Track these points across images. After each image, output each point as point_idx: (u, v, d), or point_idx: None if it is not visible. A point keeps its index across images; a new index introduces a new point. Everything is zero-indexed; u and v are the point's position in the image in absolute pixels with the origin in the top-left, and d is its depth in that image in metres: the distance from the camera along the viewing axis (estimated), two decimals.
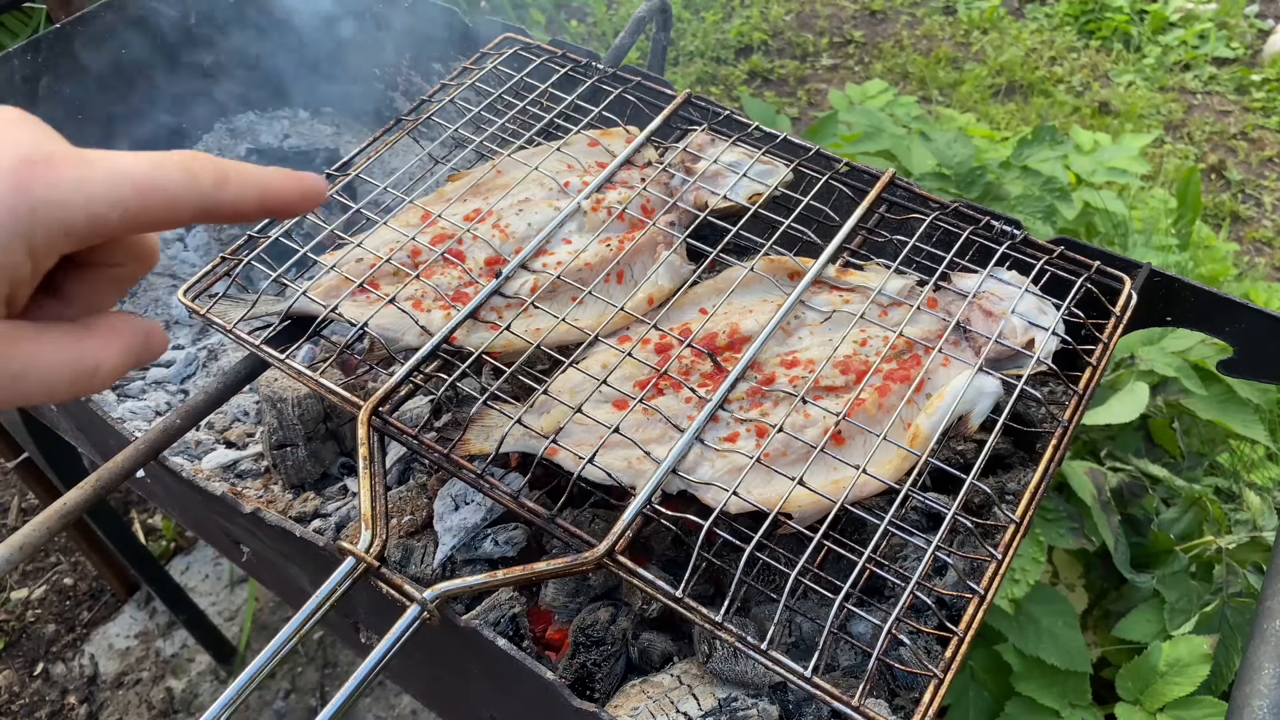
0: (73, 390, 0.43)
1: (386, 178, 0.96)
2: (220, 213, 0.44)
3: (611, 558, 0.67)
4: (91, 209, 0.40)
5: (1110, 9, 4.10)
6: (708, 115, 0.98)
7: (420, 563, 0.88)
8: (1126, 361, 1.47)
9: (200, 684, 2.00)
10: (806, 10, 4.27)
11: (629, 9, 4.06)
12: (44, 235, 0.39)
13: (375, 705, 1.94)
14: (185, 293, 0.84)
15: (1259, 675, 0.63)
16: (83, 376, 0.43)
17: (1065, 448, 0.74)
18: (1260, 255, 3.07)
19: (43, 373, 0.42)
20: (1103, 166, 1.95)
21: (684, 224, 0.89)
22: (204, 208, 0.43)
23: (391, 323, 0.81)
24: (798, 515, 0.68)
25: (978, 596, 0.65)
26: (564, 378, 0.78)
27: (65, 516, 0.72)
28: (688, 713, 0.75)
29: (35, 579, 2.19)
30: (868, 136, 1.92)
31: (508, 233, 0.87)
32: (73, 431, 1.23)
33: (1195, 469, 1.51)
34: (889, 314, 0.81)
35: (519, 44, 1.06)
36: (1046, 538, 1.26)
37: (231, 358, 1.25)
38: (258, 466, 1.06)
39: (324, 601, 0.64)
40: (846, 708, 0.60)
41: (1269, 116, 3.63)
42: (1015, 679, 1.25)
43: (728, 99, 3.62)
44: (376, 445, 0.74)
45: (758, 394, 0.76)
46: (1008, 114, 3.54)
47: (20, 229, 0.38)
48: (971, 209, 0.89)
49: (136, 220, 0.41)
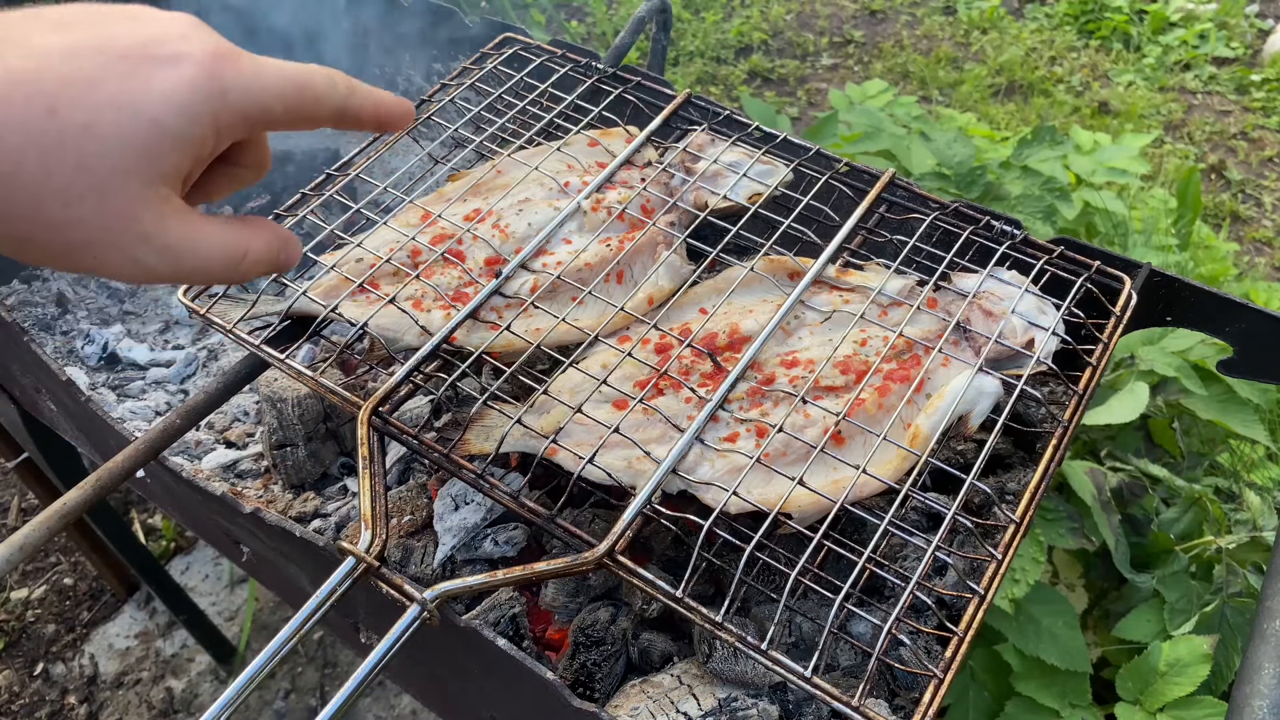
0: (224, 272, 0.49)
1: (386, 178, 0.96)
2: (346, 117, 0.52)
3: (611, 558, 0.67)
4: (264, 99, 0.47)
5: (1110, 9, 4.10)
6: (708, 115, 0.98)
7: (420, 563, 0.88)
8: (1126, 361, 1.47)
9: (200, 684, 2.00)
10: (806, 10, 4.27)
11: (629, 9, 4.06)
12: (228, 118, 0.45)
13: (375, 705, 1.94)
14: (185, 292, 0.84)
15: (1259, 675, 0.63)
16: (233, 260, 0.49)
17: (1065, 448, 0.74)
18: (1260, 255, 3.07)
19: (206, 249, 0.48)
20: (1103, 166, 1.95)
21: (684, 224, 0.89)
22: (338, 110, 0.51)
23: (391, 323, 0.81)
24: (798, 515, 0.68)
25: (978, 596, 0.65)
26: (564, 378, 0.78)
27: (65, 516, 0.72)
28: (688, 713, 0.75)
29: (35, 579, 2.19)
30: (868, 136, 1.92)
31: (508, 233, 0.87)
32: (73, 431, 1.23)
33: (1195, 469, 1.51)
34: (889, 314, 0.81)
35: (519, 44, 1.06)
36: (1046, 538, 1.26)
37: (231, 358, 1.25)
38: (258, 466, 1.06)
39: (324, 601, 0.64)
40: (846, 708, 0.60)
41: (1269, 116, 3.63)
42: (1015, 679, 1.25)
43: (728, 99, 3.62)
44: (376, 445, 0.74)
45: (758, 394, 0.76)
46: (1008, 114, 3.54)
47: (212, 107, 0.44)
48: (971, 209, 0.89)
49: (293, 114, 0.49)
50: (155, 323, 1.33)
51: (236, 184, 0.54)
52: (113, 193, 0.43)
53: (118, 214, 0.43)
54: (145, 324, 1.33)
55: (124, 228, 0.44)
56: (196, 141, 0.45)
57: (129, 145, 0.43)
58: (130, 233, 0.44)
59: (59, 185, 0.42)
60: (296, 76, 0.48)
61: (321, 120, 0.51)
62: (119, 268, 0.45)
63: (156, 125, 0.43)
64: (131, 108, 0.42)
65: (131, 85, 0.43)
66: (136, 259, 0.45)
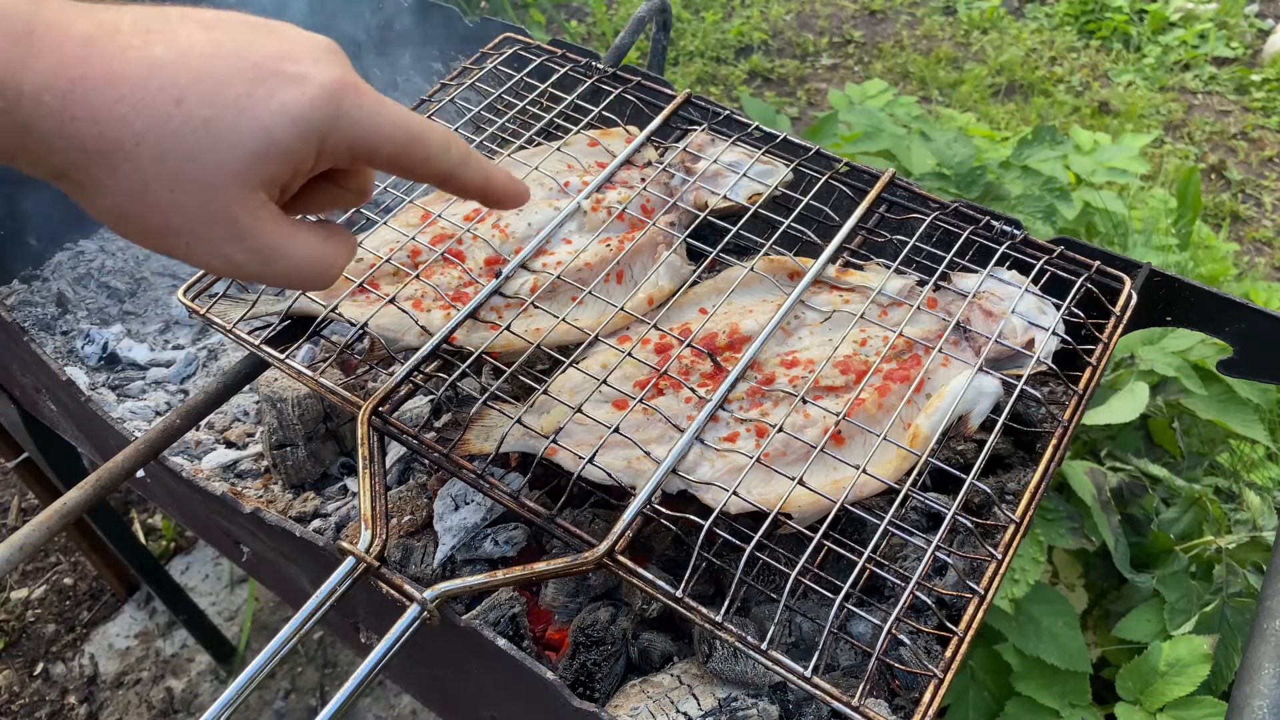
0: (308, 278, 0.52)
1: (386, 177, 0.96)
2: (451, 184, 0.54)
3: (611, 558, 0.67)
4: (374, 139, 0.49)
5: (1110, 9, 4.10)
6: (708, 115, 0.98)
7: (420, 563, 0.88)
8: (1126, 361, 1.47)
9: (200, 684, 2.00)
10: (806, 10, 4.27)
11: (629, 9, 4.06)
12: (334, 142, 0.48)
13: (375, 705, 1.94)
14: (185, 292, 0.84)
15: (1259, 675, 0.63)
16: (319, 268, 0.51)
17: (1065, 448, 0.74)
18: (1260, 255, 3.07)
19: (295, 255, 0.50)
20: (1103, 166, 1.95)
21: (684, 224, 0.89)
22: (444, 174, 0.53)
23: (391, 323, 0.81)
24: (798, 515, 0.68)
25: (978, 596, 0.65)
26: (564, 378, 0.78)
27: (65, 516, 0.72)
28: (688, 713, 0.75)
29: (35, 579, 2.19)
30: (868, 136, 1.92)
31: (508, 233, 0.87)
32: (73, 431, 1.23)
33: (1195, 469, 1.51)
34: (889, 314, 0.81)
35: (519, 44, 1.06)
36: (1046, 538, 1.25)
37: (231, 358, 1.25)
38: (258, 466, 1.06)
39: (324, 601, 0.64)
40: (846, 708, 0.60)
41: (1269, 116, 3.63)
42: (1015, 679, 1.25)
43: (728, 99, 3.62)
44: (376, 445, 0.74)
45: (758, 394, 0.76)
46: (1008, 114, 3.54)
47: (321, 128, 0.47)
48: (971, 209, 0.89)
49: (398, 162, 0.51)
50: (155, 323, 1.33)
51: (338, 204, 0.56)
52: (216, 189, 0.45)
53: (216, 209, 0.46)
54: (145, 324, 1.33)
55: (219, 222, 0.46)
56: (299, 157, 0.47)
57: (238, 147, 0.45)
58: (224, 229, 0.46)
59: (169, 170, 0.44)
60: (412, 128, 0.50)
61: (424, 177, 0.53)
62: (207, 260, 0.48)
63: (267, 134, 0.45)
64: (251, 113, 0.45)
65: (256, 92, 0.45)
66: (226, 255, 0.48)
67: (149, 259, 1.42)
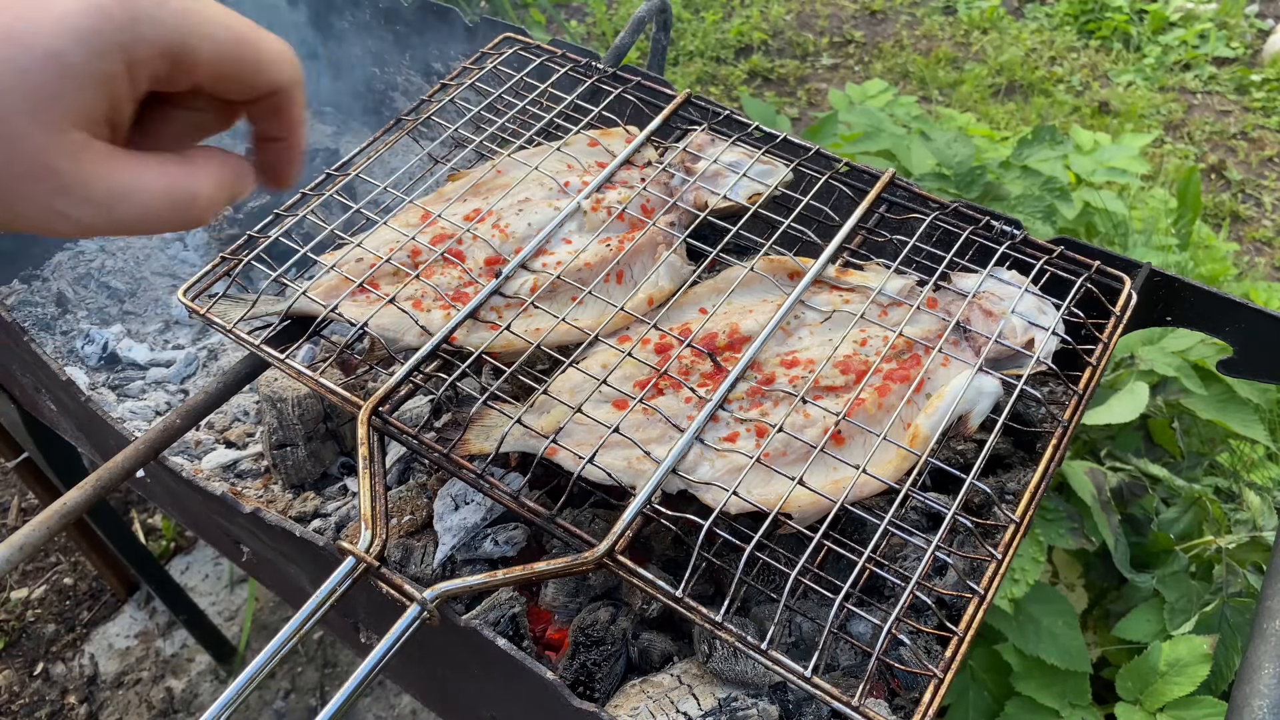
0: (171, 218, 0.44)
1: (386, 178, 0.96)
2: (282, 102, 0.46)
3: (611, 558, 0.67)
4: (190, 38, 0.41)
5: (1110, 9, 4.11)
6: (708, 115, 0.98)
7: (420, 563, 0.88)
8: (1126, 361, 1.47)
9: (200, 684, 2.00)
10: (806, 10, 4.27)
11: (629, 9, 4.06)
12: (142, 52, 0.40)
13: (375, 705, 1.94)
14: (185, 292, 0.84)
15: (1259, 675, 0.63)
16: (181, 204, 0.44)
17: (1065, 448, 0.74)
18: (1260, 255, 3.07)
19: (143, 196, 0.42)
20: (1103, 166, 1.95)
21: (684, 224, 0.89)
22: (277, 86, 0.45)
23: (391, 323, 0.81)
24: (798, 515, 0.68)
25: (978, 596, 0.65)
26: (564, 378, 0.78)
27: (65, 516, 0.72)
28: (688, 713, 0.75)
29: (35, 579, 2.19)
30: (868, 136, 1.92)
31: (508, 233, 0.87)
32: (73, 431, 1.23)
33: (1195, 469, 1.51)
34: (889, 314, 0.81)
35: (519, 44, 1.06)
36: (1046, 538, 1.26)
37: (231, 358, 1.25)
38: (258, 466, 1.06)
39: (324, 601, 0.64)
40: (846, 708, 0.60)
41: (1269, 116, 3.63)
42: (1015, 679, 1.25)
43: (728, 99, 3.62)
44: (376, 445, 0.74)
45: (758, 394, 0.76)
46: (1008, 114, 3.54)
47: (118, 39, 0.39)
48: (971, 209, 0.89)
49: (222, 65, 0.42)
50: (155, 323, 1.33)
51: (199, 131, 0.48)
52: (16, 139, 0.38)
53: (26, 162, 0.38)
54: (145, 324, 1.33)
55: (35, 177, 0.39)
56: (104, 77, 0.39)
57: (24, 83, 0.37)
58: (45, 183, 0.39)
59: None
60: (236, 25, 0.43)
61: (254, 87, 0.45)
62: (41, 222, 0.40)
63: (55, 60, 0.37)
64: (25, 39, 0.37)
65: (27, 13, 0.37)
66: (60, 211, 0.40)
67: (149, 259, 1.42)
